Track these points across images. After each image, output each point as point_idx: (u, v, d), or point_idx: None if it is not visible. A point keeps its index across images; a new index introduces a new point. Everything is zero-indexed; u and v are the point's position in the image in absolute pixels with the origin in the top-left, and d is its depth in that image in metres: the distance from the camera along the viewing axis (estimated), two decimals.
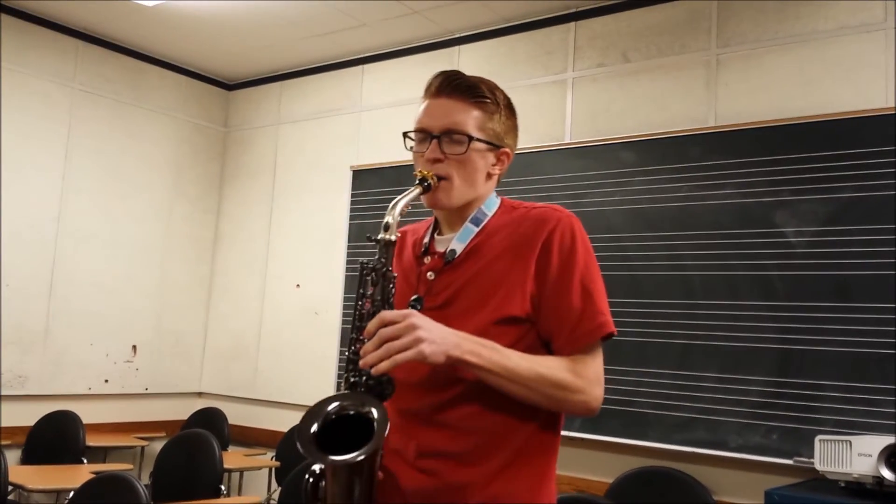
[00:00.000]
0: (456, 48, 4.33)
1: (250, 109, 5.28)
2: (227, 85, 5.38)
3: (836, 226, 2.97)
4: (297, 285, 4.78)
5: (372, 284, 1.23)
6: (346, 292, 4.43)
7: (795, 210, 3.06)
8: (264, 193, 5.09)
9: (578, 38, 3.88)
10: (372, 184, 4.42)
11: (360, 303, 1.23)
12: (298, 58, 4.86)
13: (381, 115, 4.58)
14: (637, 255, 3.40)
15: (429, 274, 1.36)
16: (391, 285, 1.23)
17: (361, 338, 1.20)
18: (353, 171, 4.55)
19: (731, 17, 3.44)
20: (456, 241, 1.36)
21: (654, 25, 3.65)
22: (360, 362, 1.16)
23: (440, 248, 1.39)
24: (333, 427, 1.17)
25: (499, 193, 1.44)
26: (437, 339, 1.17)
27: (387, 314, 1.17)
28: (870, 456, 2.51)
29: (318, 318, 4.62)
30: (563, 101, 3.87)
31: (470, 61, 4.27)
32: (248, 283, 5.04)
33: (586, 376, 1.27)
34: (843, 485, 2.59)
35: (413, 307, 1.31)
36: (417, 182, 1.31)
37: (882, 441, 2.50)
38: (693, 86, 3.50)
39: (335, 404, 1.19)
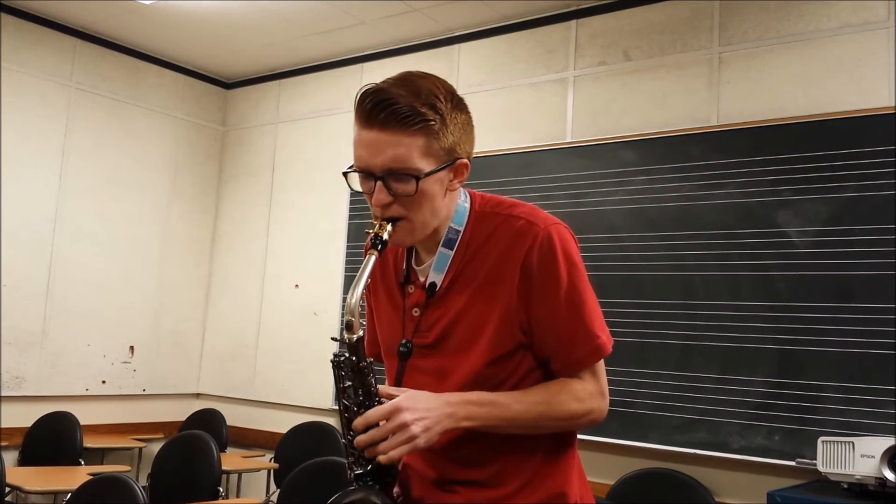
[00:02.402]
0: (456, 46, 4.31)
1: (249, 108, 5.26)
2: (225, 83, 5.36)
3: (838, 226, 2.96)
4: (297, 285, 4.76)
5: (349, 379, 1.19)
6: (345, 293, 4.41)
7: (797, 210, 3.05)
8: (263, 193, 5.07)
9: (579, 36, 3.86)
10: None
11: (341, 396, 1.20)
12: (297, 56, 4.84)
13: None
14: (638, 255, 3.38)
15: (414, 310, 1.30)
16: (370, 377, 1.18)
17: (352, 430, 1.18)
18: None
19: (733, 15, 3.43)
20: (433, 272, 1.28)
21: (656, 24, 3.63)
22: (366, 453, 1.15)
23: (420, 278, 1.31)
24: None
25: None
26: (429, 423, 1.14)
27: (372, 415, 1.15)
28: (872, 457, 2.51)
29: (317, 318, 4.60)
30: (564, 99, 3.85)
31: (470, 60, 4.26)
32: (247, 283, 5.02)
33: (588, 396, 1.24)
34: (845, 486, 2.58)
35: (403, 353, 1.29)
36: (371, 245, 1.18)
37: (885, 442, 2.50)
38: (695, 85, 3.48)
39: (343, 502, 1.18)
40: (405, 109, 1.15)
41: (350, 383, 1.18)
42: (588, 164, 3.60)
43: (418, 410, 1.14)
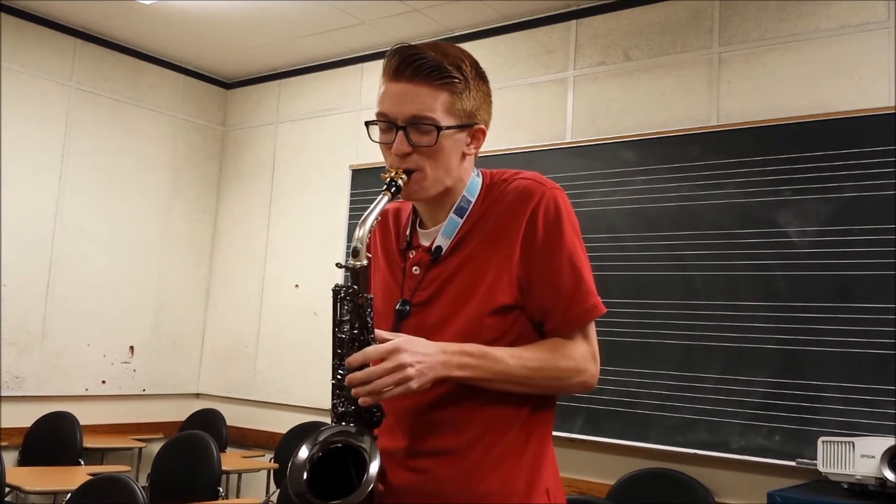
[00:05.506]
0: None
1: (249, 108, 5.26)
2: (225, 84, 5.36)
3: (838, 225, 2.96)
4: (297, 285, 4.77)
5: (348, 311, 1.19)
6: None
7: (797, 210, 3.05)
8: (263, 193, 5.08)
9: (579, 36, 3.86)
10: (371, 183, 4.40)
11: (337, 329, 1.20)
12: (297, 56, 4.84)
13: None
14: (638, 255, 3.38)
15: (414, 269, 1.31)
16: (369, 310, 1.18)
17: (344, 365, 1.17)
18: (353, 170, 4.53)
19: (733, 15, 3.43)
20: (441, 237, 1.30)
21: (656, 24, 3.63)
22: (353, 392, 1.14)
23: (425, 242, 1.32)
24: (325, 463, 1.16)
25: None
26: (424, 367, 1.15)
27: (371, 351, 1.15)
28: (873, 457, 2.51)
29: (317, 318, 4.60)
30: (564, 99, 3.85)
31: None
32: (247, 283, 5.03)
33: (580, 357, 1.25)
34: (845, 486, 2.58)
35: (400, 311, 1.29)
36: (385, 187, 1.22)
37: (885, 442, 2.50)
38: (694, 85, 3.48)
39: (322, 440, 1.17)
40: (433, 64, 1.22)
41: (348, 317, 1.18)
42: (588, 164, 3.60)
43: (416, 353, 1.15)
